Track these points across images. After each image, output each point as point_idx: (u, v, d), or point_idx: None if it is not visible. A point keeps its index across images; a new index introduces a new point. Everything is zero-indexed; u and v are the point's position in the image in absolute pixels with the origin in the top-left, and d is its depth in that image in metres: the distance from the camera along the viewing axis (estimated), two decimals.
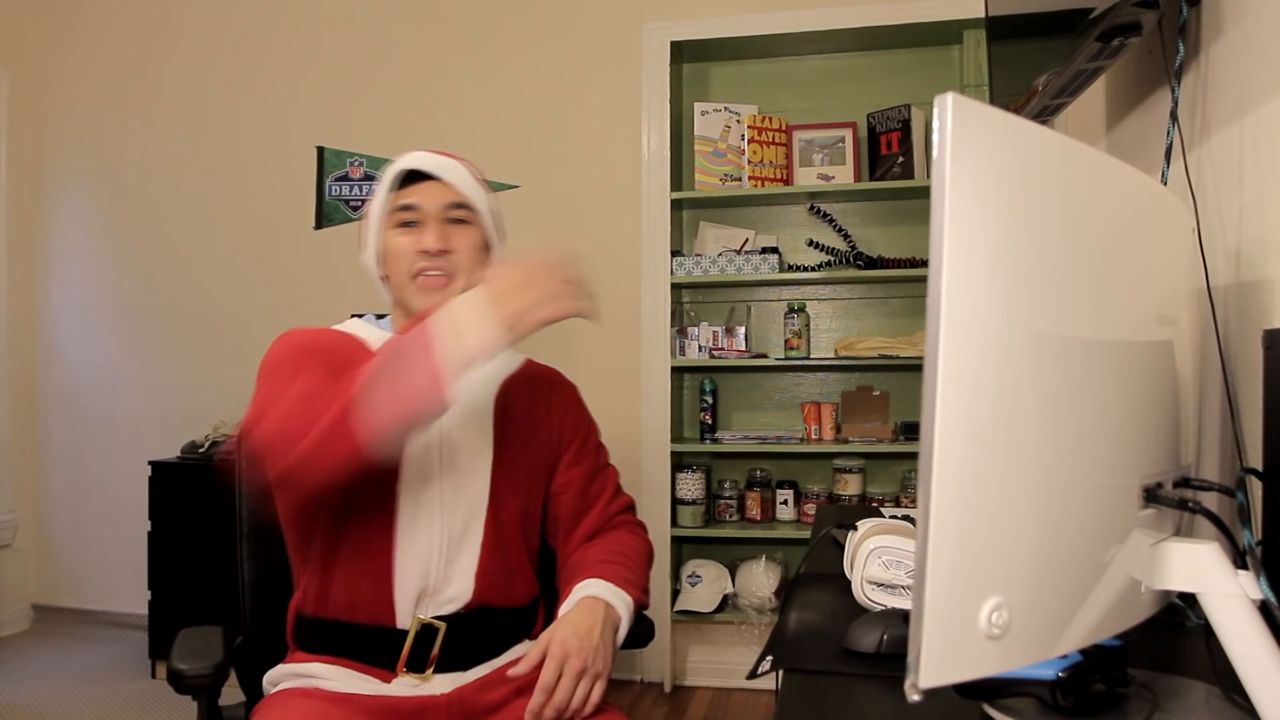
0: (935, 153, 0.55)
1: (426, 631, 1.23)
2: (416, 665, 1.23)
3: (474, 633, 1.27)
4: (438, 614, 1.24)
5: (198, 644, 1.22)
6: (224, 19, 3.49)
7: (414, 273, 1.25)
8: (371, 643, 1.23)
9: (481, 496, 1.28)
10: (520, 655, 1.32)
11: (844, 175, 3.00)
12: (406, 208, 1.26)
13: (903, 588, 1.07)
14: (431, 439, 1.25)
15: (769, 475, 3.11)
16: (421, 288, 1.25)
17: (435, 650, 1.23)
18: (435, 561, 1.24)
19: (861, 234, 3.08)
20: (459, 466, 1.27)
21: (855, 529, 1.19)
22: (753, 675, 0.98)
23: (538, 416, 1.36)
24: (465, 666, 1.26)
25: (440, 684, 1.24)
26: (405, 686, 1.22)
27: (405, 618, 1.23)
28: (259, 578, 1.40)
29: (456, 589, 1.25)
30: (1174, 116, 1.26)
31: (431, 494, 1.25)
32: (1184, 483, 0.82)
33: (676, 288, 3.07)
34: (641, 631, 1.36)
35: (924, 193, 2.86)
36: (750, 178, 2.99)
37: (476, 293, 1.04)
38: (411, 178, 1.26)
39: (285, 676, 1.24)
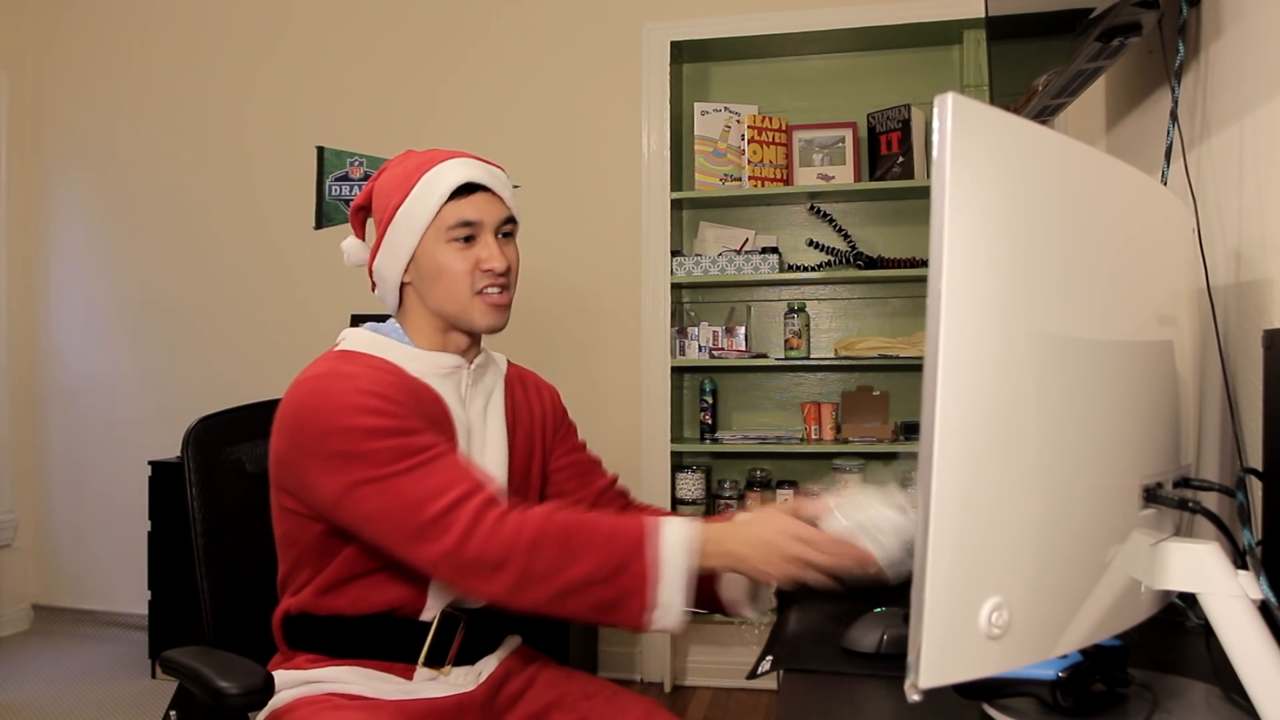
0: (935, 153, 0.55)
1: (446, 624, 1.23)
2: (434, 659, 1.23)
3: (485, 626, 1.28)
4: (460, 608, 1.25)
5: (216, 661, 1.12)
6: (224, 19, 3.49)
7: (476, 290, 1.22)
8: (393, 636, 1.22)
9: (504, 496, 1.29)
10: (513, 648, 1.35)
11: (844, 175, 3.00)
12: (468, 223, 1.21)
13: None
14: (463, 446, 1.25)
15: (769, 475, 3.11)
16: (488, 305, 1.23)
17: (456, 642, 1.23)
18: None
19: (861, 234, 3.08)
20: (488, 469, 1.27)
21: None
22: (753, 675, 0.98)
23: (534, 414, 1.38)
24: (472, 660, 1.27)
25: (459, 678, 1.24)
26: (425, 681, 1.22)
27: (430, 612, 1.23)
28: (220, 587, 1.35)
29: None
30: (1174, 116, 1.26)
31: None
32: (1184, 483, 0.82)
33: (676, 288, 3.07)
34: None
35: (924, 193, 2.85)
36: (750, 178, 2.99)
37: (726, 541, 1.03)
38: (465, 188, 1.21)
39: (290, 684, 1.21)
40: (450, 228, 1.20)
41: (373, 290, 1.32)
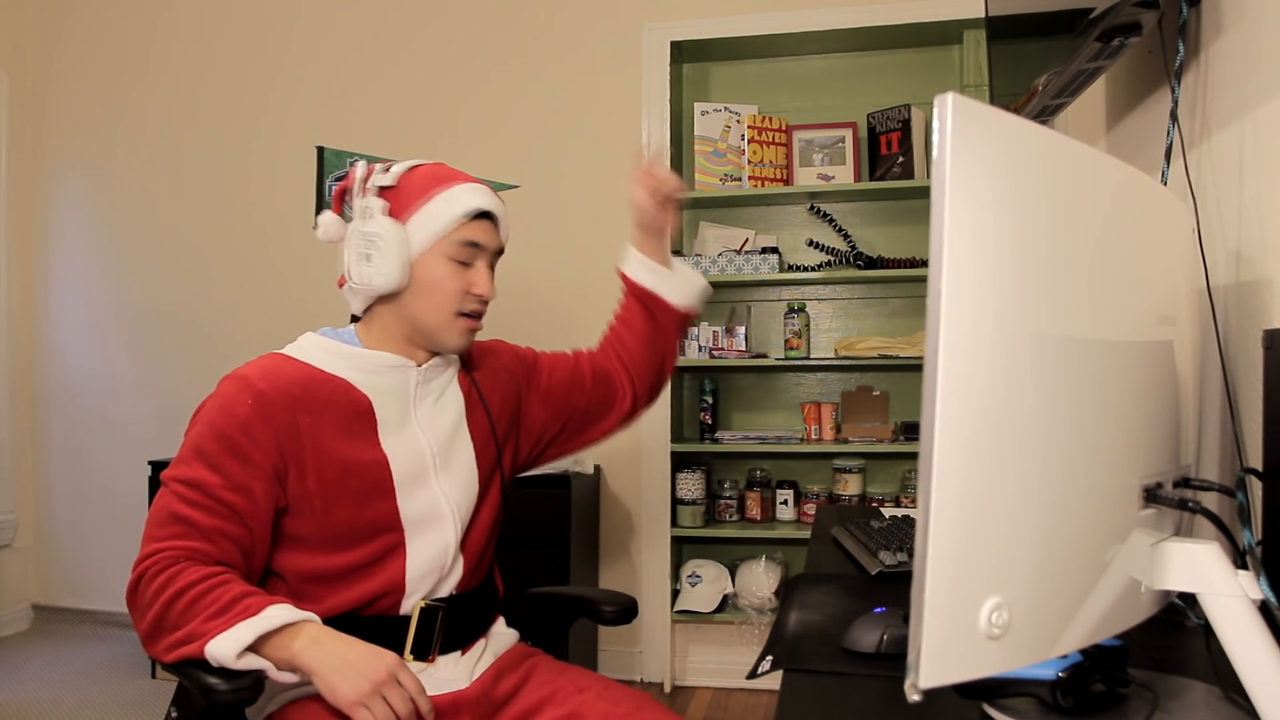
0: (935, 153, 0.55)
1: (426, 615, 1.24)
2: (420, 651, 1.23)
3: (465, 612, 1.30)
4: (436, 598, 1.27)
5: None
6: (224, 19, 3.49)
7: (459, 311, 1.25)
8: (376, 634, 1.21)
9: (472, 487, 1.31)
10: (508, 646, 1.36)
11: (844, 175, 3.00)
12: (474, 245, 1.25)
13: None
14: (422, 444, 1.27)
15: (769, 475, 3.11)
16: (465, 329, 1.27)
17: (438, 633, 1.24)
18: (450, 556, 1.27)
19: (861, 234, 3.08)
20: (452, 464, 1.29)
21: None
22: (753, 675, 0.98)
23: (493, 386, 1.40)
24: (459, 646, 1.28)
25: (449, 669, 1.25)
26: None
27: (407, 606, 1.24)
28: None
29: (456, 575, 1.29)
30: (1174, 116, 1.26)
31: (435, 496, 1.26)
32: (1184, 483, 0.82)
33: None
34: (626, 607, 1.44)
35: (924, 193, 2.86)
36: (750, 178, 2.99)
37: (318, 643, 1.07)
38: (476, 214, 1.25)
39: (287, 687, 1.19)
40: (460, 245, 1.24)
41: (339, 285, 1.30)
